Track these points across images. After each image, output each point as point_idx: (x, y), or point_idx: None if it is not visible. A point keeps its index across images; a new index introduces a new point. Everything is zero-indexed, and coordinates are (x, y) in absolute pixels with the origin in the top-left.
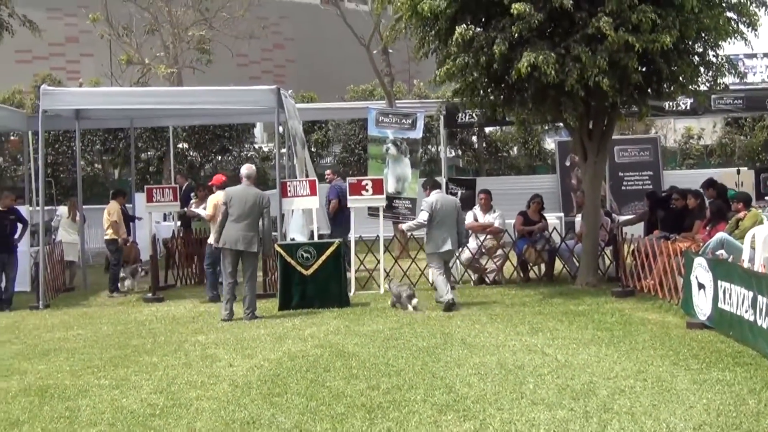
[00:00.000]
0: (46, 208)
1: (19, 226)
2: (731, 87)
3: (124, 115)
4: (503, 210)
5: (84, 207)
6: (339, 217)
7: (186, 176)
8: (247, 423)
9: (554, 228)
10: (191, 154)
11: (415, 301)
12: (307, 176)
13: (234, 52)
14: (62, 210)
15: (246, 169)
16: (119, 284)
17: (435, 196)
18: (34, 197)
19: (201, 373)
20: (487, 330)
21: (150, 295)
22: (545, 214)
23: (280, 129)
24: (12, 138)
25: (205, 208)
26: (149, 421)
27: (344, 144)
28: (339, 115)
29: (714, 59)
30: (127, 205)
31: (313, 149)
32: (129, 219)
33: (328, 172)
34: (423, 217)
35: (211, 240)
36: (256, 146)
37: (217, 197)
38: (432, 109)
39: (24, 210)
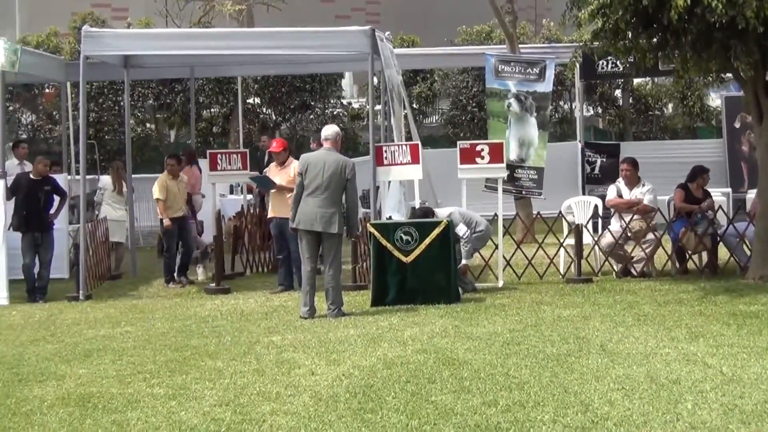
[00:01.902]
0: (87, 177)
1: (56, 198)
2: None
3: (183, 63)
4: (654, 183)
5: (133, 176)
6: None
7: (272, 135)
8: None
9: (719, 207)
10: (264, 111)
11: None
12: (408, 139)
13: None
14: (105, 180)
15: (327, 130)
16: (194, 268)
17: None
18: (73, 164)
19: (276, 382)
20: (633, 334)
21: (213, 285)
22: (708, 189)
23: (375, 80)
24: (47, 90)
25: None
26: None
27: (454, 99)
28: (448, 62)
29: None
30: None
31: (415, 105)
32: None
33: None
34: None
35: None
36: (344, 102)
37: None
38: (565, 56)
39: (61, 179)
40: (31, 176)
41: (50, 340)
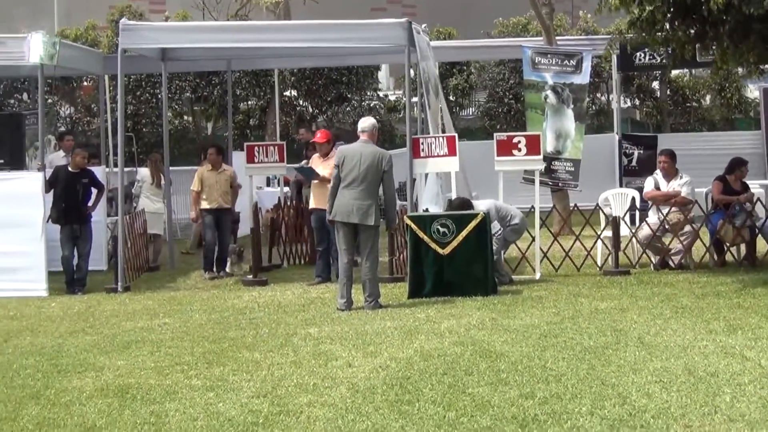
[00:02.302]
0: (125, 169)
1: (94, 191)
2: None
3: (220, 56)
4: (692, 176)
5: (170, 168)
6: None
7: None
8: None
9: (758, 199)
10: (301, 103)
11: None
12: (444, 131)
13: None
14: (143, 173)
15: (364, 122)
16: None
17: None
18: (111, 156)
19: (313, 373)
20: (670, 327)
21: (251, 277)
22: (746, 181)
23: (411, 72)
24: (85, 83)
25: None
26: (251, 431)
27: (490, 91)
28: (484, 55)
29: None
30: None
31: (451, 98)
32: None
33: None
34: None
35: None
36: (381, 94)
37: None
38: (602, 48)
39: (99, 172)
40: (69, 169)
41: (89, 331)
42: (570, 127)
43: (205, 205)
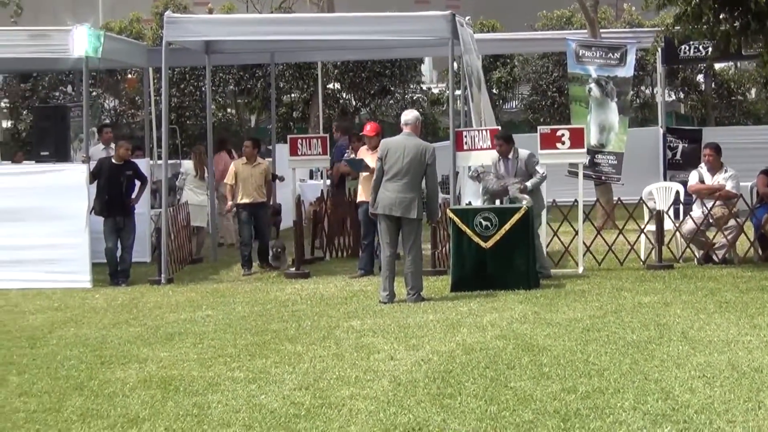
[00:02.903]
0: (169, 161)
1: (137, 183)
2: None
3: (264, 49)
4: (737, 169)
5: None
6: (343, 186)
7: (345, 130)
8: (412, 429)
9: None
10: (344, 96)
11: None
12: (486, 124)
13: None
14: (188, 165)
15: (407, 115)
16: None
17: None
18: (155, 148)
19: (355, 366)
20: (714, 321)
21: (293, 269)
22: None
23: (455, 66)
24: (129, 76)
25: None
26: (293, 423)
27: (534, 84)
28: (528, 47)
29: None
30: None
31: (494, 91)
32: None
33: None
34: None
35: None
36: (424, 87)
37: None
38: (647, 41)
39: (143, 164)
40: (113, 161)
41: (132, 323)
42: (614, 120)
43: (240, 199)
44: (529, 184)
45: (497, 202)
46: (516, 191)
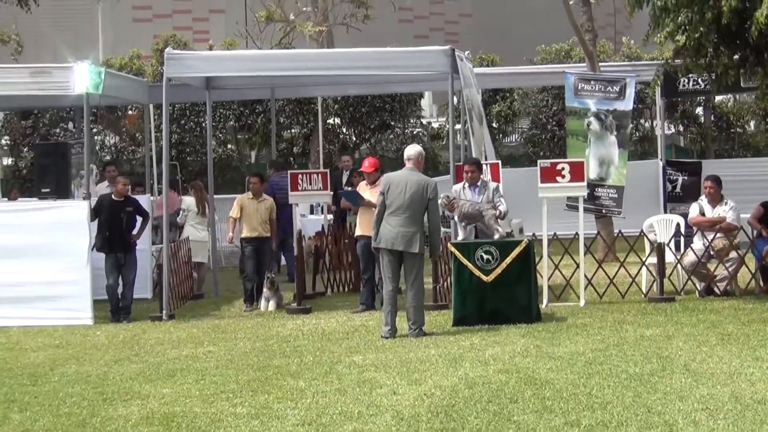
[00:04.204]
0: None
1: (139, 219)
2: None
3: (264, 84)
4: (737, 201)
5: (215, 197)
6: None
7: (278, 166)
8: None
9: None
10: (344, 131)
11: None
12: (487, 158)
13: (396, 5)
14: (189, 202)
15: (410, 150)
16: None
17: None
18: (155, 184)
19: (358, 401)
20: (716, 354)
21: (295, 305)
22: None
23: (455, 99)
24: (130, 112)
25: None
26: None
27: (533, 118)
28: (527, 81)
29: None
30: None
31: (494, 125)
32: None
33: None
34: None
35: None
36: (424, 121)
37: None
38: (646, 74)
39: (144, 200)
40: (114, 197)
41: (134, 359)
42: (613, 154)
43: (245, 233)
44: (502, 209)
45: (473, 228)
46: (491, 217)
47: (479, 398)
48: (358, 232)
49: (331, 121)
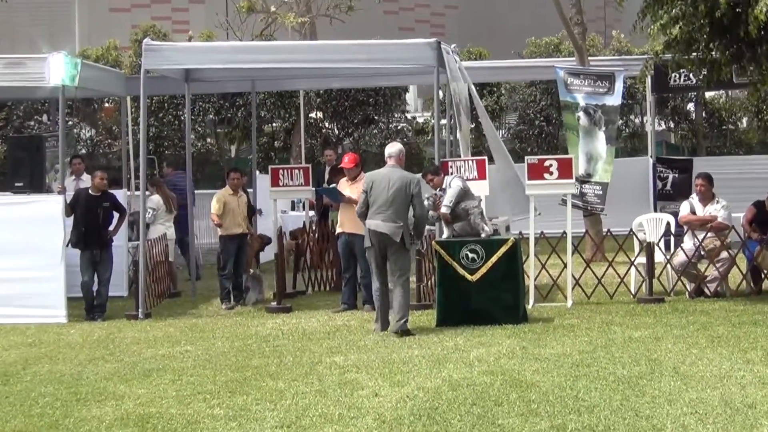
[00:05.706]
0: (147, 193)
1: (115, 215)
2: None
3: (245, 77)
4: (728, 200)
5: (195, 192)
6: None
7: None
8: None
9: None
10: (327, 125)
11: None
12: (495, 153)
13: None
14: (156, 200)
15: (391, 147)
16: (244, 296)
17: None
18: (132, 179)
19: (339, 403)
20: (706, 356)
21: (275, 303)
22: None
23: (440, 93)
24: (106, 105)
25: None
26: None
27: (521, 113)
28: (515, 75)
29: None
30: (247, 190)
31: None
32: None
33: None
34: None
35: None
36: (409, 116)
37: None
38: (635, 68)
39: (121, 195)
40: (90, 192)
41: (109, 359)
42: (601, 150)
43: (229, 230)
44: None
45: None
46: (478, 215)
47: (463, 401)
48: (339, 229)
49: (313, 115)
